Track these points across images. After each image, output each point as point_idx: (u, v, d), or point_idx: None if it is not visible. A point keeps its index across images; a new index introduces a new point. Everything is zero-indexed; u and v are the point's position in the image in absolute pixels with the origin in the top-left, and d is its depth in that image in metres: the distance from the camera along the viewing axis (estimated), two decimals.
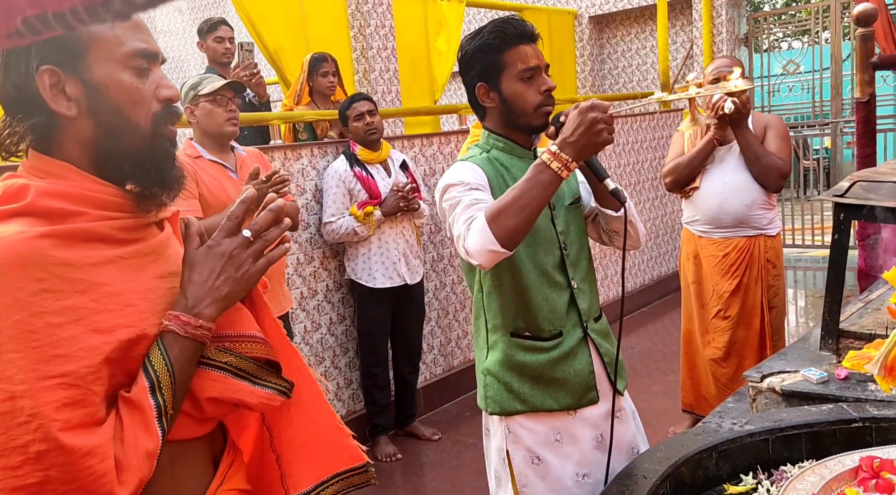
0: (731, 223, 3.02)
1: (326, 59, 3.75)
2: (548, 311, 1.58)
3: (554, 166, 1.37)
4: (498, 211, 1.39)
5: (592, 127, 1.35)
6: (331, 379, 3.49)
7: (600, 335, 1.67)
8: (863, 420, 1.61)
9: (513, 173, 1.59)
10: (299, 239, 3.37)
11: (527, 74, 1.53)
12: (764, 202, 3.00)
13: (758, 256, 3.01)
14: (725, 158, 3.02)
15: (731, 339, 3.04)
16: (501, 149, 1.61)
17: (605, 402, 1.65)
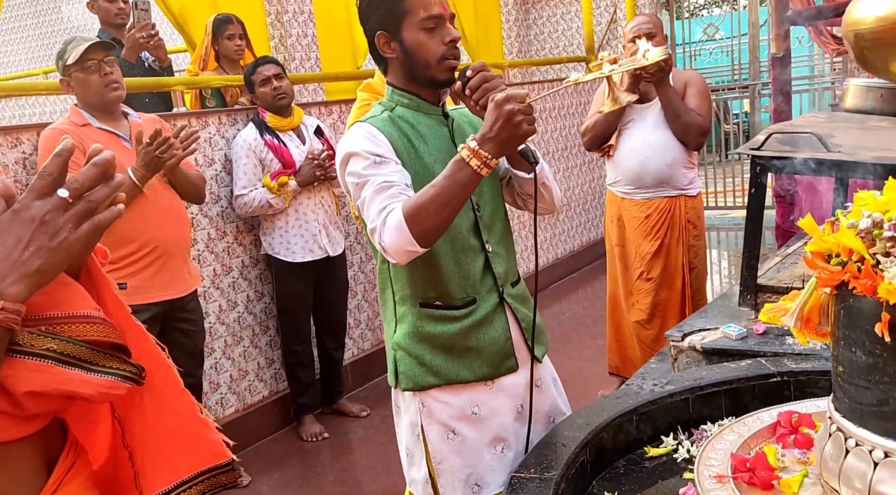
0: (653, 183, 3.00)
1: (231, 21, 3.52)
2: (460, 278, 1.50)
3: (473, 164, 1.31)
4: (416, 209, 1.33)
5: (511, 120, 1.29)
6: (251, 359, 3.33)
7: (518, 300, 1.59)
8: (781, 374, 1.59)
9: (419, 131, 1.50)
10: (210, 213, 3.18)
11: (429, 23, 1.43)
12: (685, 161, 2.99)
13: (679, 217, 3.01)
14: (646, 116, 2.99)
15: (654, 301, 3.04)
16: (406, 105, 1.52)
17: (525, 370, 1.58)
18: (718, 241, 6.61)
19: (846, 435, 1.04)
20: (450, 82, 1.49)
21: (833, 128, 2.09)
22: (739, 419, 1.37)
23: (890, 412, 0.98)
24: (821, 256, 1.07)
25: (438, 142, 1.51)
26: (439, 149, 1.50)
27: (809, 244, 1.09)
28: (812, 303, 1.13)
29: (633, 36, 2.92)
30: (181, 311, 2.72)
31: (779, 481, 1.15)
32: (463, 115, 1.60)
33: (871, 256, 0.98)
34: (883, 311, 0.96)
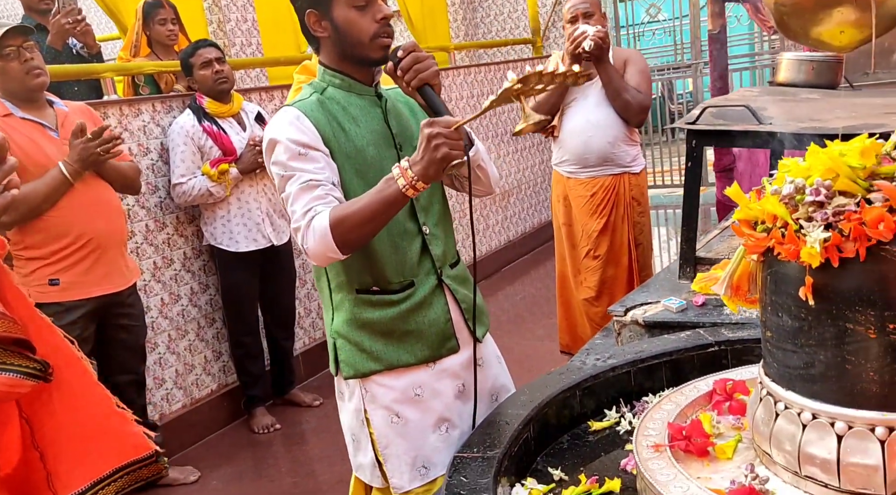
0: (597, 161, 3.02)
1: (163, 5, 3.40)
2: (397, 262, 1.48)
3: (400, 183, 1.32)
4: (342, 219, 1.33)
5: (430, 143, 1.30)
6: (197, 353, 3.25)
7: (457, 281, 1.58)
8: (718, 343, 1.61)
9: (351, 113, 1.47)
10: (147, 204, 3.07)
11: (360, 1, 1.41)
12: (626, 138, 3.01)
13: (623, 195, 3.04)
14: (588, 94, 3.00)
15: (602, 278, 3.07)
16: (338, 86, 1.49)
17: (467, 350, 1.57)
18: (666, 219, 6.73)
19: (776, 399, 1.06)
20: (383, 61, 1.46)
21: (766, 102, 2.13)
22: (677, 389, 1.39)
23: (816, 374, 1.00)
24: (747, 224, 1.08)
25: (371, 124, 1.48)
26: (372, 131, 1.47)
27: (736, 212, 1.10)
28: (741, 271, 1.14)
29: (570, 16, 2.93)
30: (120, 306, 2.63)
31: (714, 447, 1.16)
32: (398, 95, 1.57)
33: (794, 221, 0.99)
34: (806, 275, 0.97)
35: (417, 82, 1.40)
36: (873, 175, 0.97)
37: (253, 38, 5.26)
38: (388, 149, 1.49)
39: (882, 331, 0.93)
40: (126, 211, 2.92)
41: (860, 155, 0.97)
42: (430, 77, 1.40)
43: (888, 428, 0.94)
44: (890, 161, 0.98)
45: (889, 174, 0.96)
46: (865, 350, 0.94)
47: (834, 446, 0.97)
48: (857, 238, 0.93)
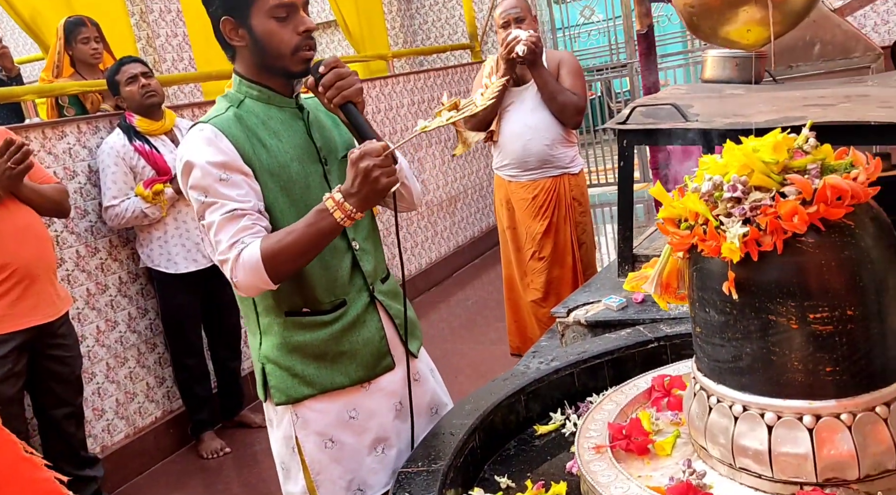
0: (536, 164, 3.05)
1: (84, 23, 3.29)
2: (327, 281, 1.43)
3: (337, 216, 1.29)
4: (274, 253, 1.30)
5: (368, 177, 1.27)
6: (138, 380, 3.15)
7: (389, 296, 1.54)
8: (657, 340, 1.64)
9: (272, 127, 1.41)
10: (77, 229, 2.96)
11: (280, 12, 1.35)
12: (564, 140, 3.05)
13: (564, 195, 3.07)
14: (525, 98, 3.03)
15: (548, 279, 3.10)
16: (257, 98, 1.42)
17: (402, 367, 1.54)
18: (612, 216, 6.85)
19: (708, 393, 1.07)
20: (303, 74, 1.41)
21: (692, 99, 2.18)
22: (618, 387, 1.40)
23: (744, 367, 1.02)
24: (671, 222, 1.10)
25: (294, 138, 1.43)
26: (295, 146, 1.42)
27: (661, 210, 1.11)
28: (670, 269, 1.16)
29: (502, 21, 2.95)
30: (52, 337, 2.53)
31: (653, 444, 1.17)
32: (318, 105, 1.53)
33: (715, 218, 1.01)
34: (728, 270, 0.99)
35: (340, 100, 1.36)
36: (786, 169, 0.99)
37: (185, 54, 5.15)
38: (313, 164, 1.43)
39: (803, 322, 0.95)
40: (54, 237, 2.82)
41: (773, 150, 0.99)
42: (352, 94, 1.37)
43: (815, 416, 0.96)
44: (802, 154, 1.01)
45: (801, 167, 0.99)
46: (789, 340, 0.97)
47: (765, 437, 0.99)
48: (773, 231, 0.95)
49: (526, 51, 2.77)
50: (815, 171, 0.98)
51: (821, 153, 1.00)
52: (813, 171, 0.98)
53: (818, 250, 0.94)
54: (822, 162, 0.99)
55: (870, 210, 0.98)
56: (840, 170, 0.98)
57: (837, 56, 3.36)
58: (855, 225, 0.95)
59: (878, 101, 1.84)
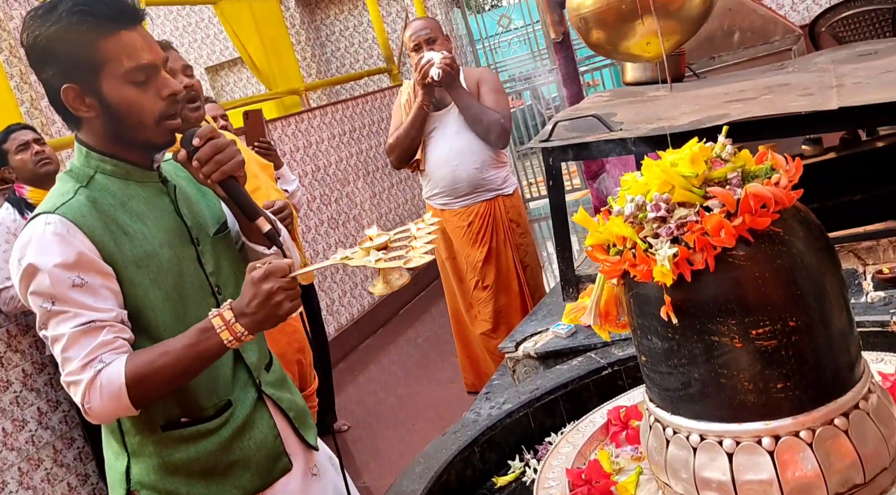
0: (467, 189, 3.05)
1: None
2: (208, 381, 1.31)
3: (224, 337, 1.20)
4: (142, 376, 1.18)
5: (269, 299, 1.19)
6: (57, 481, 2.98)
7: (276, 386, 1.45)
8: (611, 365, 1.63)
9: (133, 208, 1.28)
10: None
11: (139, 75, 1.23)
12: (494, 161, 3.06)
13: (501, 218, 3.08)
14: (447, 122, 3.04)
15: (496, 308, 3.09)
16: (111, 173, 1.28)
17: (299, 462, 1.45)
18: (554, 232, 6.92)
19: (663, 425, 1.06)
20: (169, 145, 1.31)
21: (615, 106, 2.22)
22: (574, 425, 1.39)
23: (695, 393, 1.01)
24: (600, 248, 1.09)
25: (161, 219, 1.31)
26: (164, 229, 1.31)
27: (587, 237, 1.11)
28: (606, 297, 1.15)
29: (413, 44, 2.96)
30: None
31: (616, 486, 1.15)
32: (178, 170, 1.41)
33: (643, 240, 1.01)
34: (664, 294, 0.99)
35: (219, 176, 1.28)
36: (707, 181, 1.00)
37: None
38: (185, 247, 1.33)
39: (747, 339, 0.95)
40: None
41: (691, 162, 1.00)
42: (233, 169, 1.29)
43: (774, 437, 0.96)
44: (720, 163, 1.02)
45: (721, 178, 0.99)
46: (735, 360, 0.96)
47: (726, 466, 0.98)
48: (702, 249, 0.95)
49: (441, 73, 2.78)
50: (735, 180, 0.98)
51: (740, 160, 1.02)
52: (734, 181, 0.99)
53: (750, 263, 0.95)
54: (743, 169, 1.00)
55: (797, 214, 0.99)
56: (761, 175, 0.99)
57: (758, 42, 3.49)
58: (784, 231, 0.96)
59: (799, 89, 1.90)
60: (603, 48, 1.44)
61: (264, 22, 6.71)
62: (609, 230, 1.05)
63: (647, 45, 1.29)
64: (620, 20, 1.29)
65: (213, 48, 7.98)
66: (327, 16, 7.65)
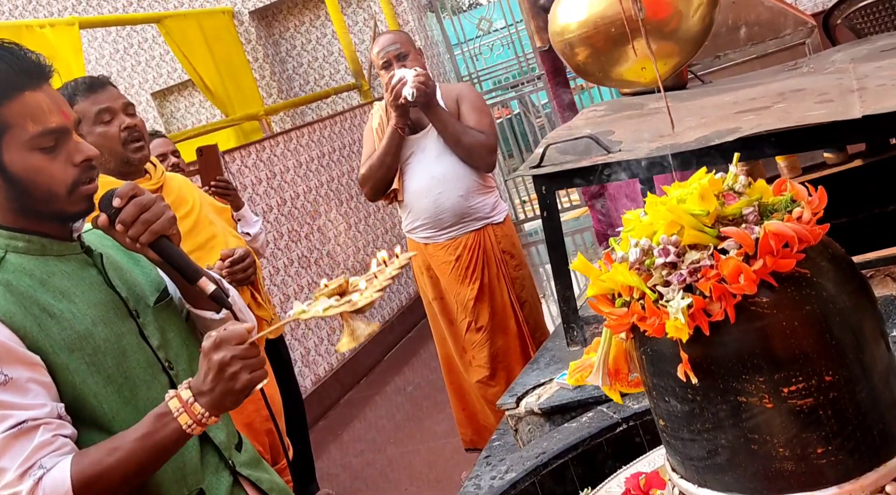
0: (453, 220, 3.04)
1: None
2: (174, 471, 1.29)
3: (183, 421, 1.17)
4: (92, 478, 1.14)
5: (222, 372, 1.17)
6: None
7: (252, 466, 1.43)
8: (626, 420, 1.61)
9: (55, 286, 1.25)
10: None
11: (47, 141, 1.22)
12: (480, 186, 3.06)
13: (492, 250, 3.07)
14: (425, 146, 3.03)
15: (492, 352, 3.07)
16: (24, 250, 1.26)
17: None
18: None
19: None
20: (87, 212, 1.30)
21: (612, 122, 2.22)
22: None
23: (723, 462, 0.98)
24: (604, 299, 1.07)
25: (90, 294, 1.29)
26: (95, 305, 1.28)
27: (589, 287, 1.09)
28: (615, 353, 1.14)
29: (382, 62, 2.96)
30: None
31: None
32: (103, 238, 1.39)
33: (652, 290, 0.99)
34: (680, 351, 0.97)
35: (149, 237, 1.27)
36: (720, 219, 0.99)
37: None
38: (124, 322, 1.31)
39: (778, 398, 0.93)
40: None
41: (700, 198, 0.98)
42: (164, 228, 1.28)
43: None
44: (734, 197, 1.00)
45: (736, 215, 0.98)
46: (767, 423, 0.94)
47: None
48: (720, 297, 0.94)
49: (415, 93, 2.78)
50: (752, 217, 0.97)
51: (755, 192, 1.01)
52: (751, 217, 0.97)
53: (775, 311, 0.93)
54: (759, 203, 0.99)
55: (825, 250, 0.98)
56: (780, 209, 0.98)
57: (767, 37, 3.51)
58: (811, 273, 0.94)
59: (816, 95, 1.90)
60: (593, 75, 1.44)
61: (216, 39, 6.76)
62: (613, 279, 1.03)
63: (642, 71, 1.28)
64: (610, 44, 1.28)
65: (160, 71, 7.99)
66: (286, 28, 7.68)
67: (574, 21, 1.36)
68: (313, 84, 7.75)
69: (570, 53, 1.42)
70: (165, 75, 7.99)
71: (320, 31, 7.60)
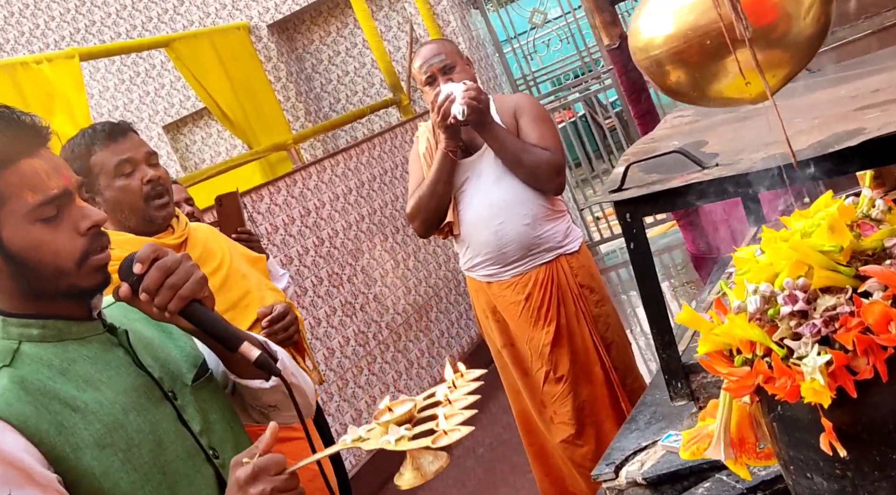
0: (519, 253, 3.02)
1: None
2: None
3: None
4: None
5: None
6: None
7: None
8: (752, 490, 1.56)
9: (77, 374, 1.27)
10: None
11: (48, 211, 1.25)
12: (548, 212, 3.04)
13: (567, 285, 3.04)
14: (481, 170, 3.03)
15: (577, 405, 3.03)
16: (39, 338, 1.28)
17: None
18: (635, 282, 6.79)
19: None
20: (103, 284, 1.31)
21: (704, 129, 2.18)
22: None
23: None
24: (720, 356, 1.04)
25: (118, 379, 1.31)
26: (124, 390, 1.30)
27: (700, 343, 1.06)
28: (738, 418, 1.10)
29: (426, 77, 2.98)
30: None
31: None
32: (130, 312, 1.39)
33: (779, 345, 0.96)
34: (822, 418, 0.93)
35: (178, 303, 1.28)
36: (857, 255, 0.95)
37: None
38: (159, 407, 1.33)
39: None
40: None
41: (831, 232, 0.95)
42: (194, 291, 1.29)
43: None
44: (870, 227, 0.97)
45: (875, 249, 0.95)
46: None
47: None
48: (866, 350, 0.90)
49: (466, 110, 2.78)
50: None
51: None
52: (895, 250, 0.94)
53: None
54: None
55: None
56: None
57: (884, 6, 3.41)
58: None
59: None
60: (687, 95, 1.41)
61: (231, 59, 6.91)
62: (730, 333, 1.00)
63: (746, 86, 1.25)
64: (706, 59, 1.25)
65: (171, 101, 8.20)
66: (310, 41, 7.82)
67: (660, 35, 1.34)
68: (345, 102, 7.86)
69: (657, 72, 1.40)
70: (178, 105, 8.19)
71: (349, 41, 7.71)
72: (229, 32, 7.18)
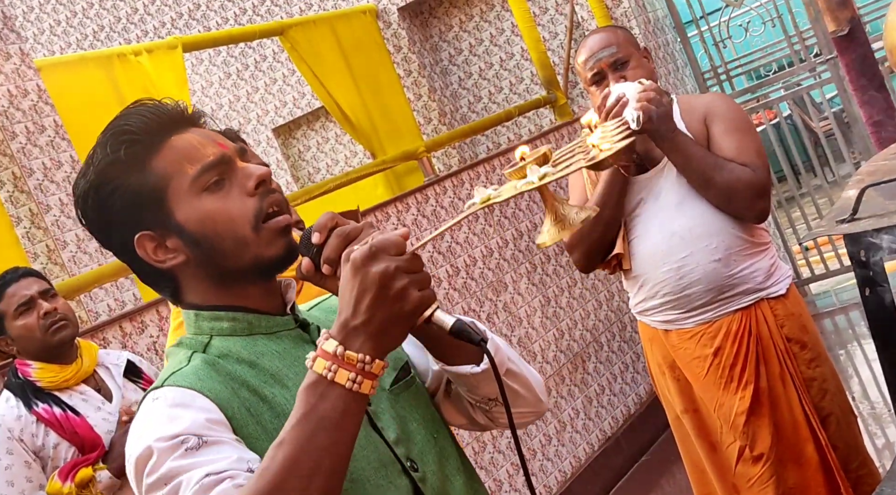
0: (707, 296, 2.97)
1: None
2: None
3: (341, 379, 1.27)
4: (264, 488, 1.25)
5: (387, 289, 1.26)
6: None
7: None
8: None
9: (266, 369, 1.46)
10: None
11: (210, 177, 1.45)
12: (746, 244, 2.98)
13: (770, 338, 2.97)
14: (659, 190, 3.01)
15: (783, 492, 2.92)
16: (230, 331, 1.48)
17: None
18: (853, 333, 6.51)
19: None
20: (290, 257, 1.47)
21: None
22: None
23: None
24: None
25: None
26: None
27: None
28: None
29: (592, 74, 2.98)
30: None
31: None
32: (332, 309, 1.57)
33: None
34: None
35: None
36: None
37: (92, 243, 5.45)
38: None
39: None
40: None
41: None
42: None
43: None
44: None
45: None
46: None
47: None
48: None
49: (641, 117, 2.75)
50: None
51: None
52: None
53: None
54: None
55: None
56: None
57: None
58: None
59: None
60: None
61: (355, 49, 7.07)
62: None
63: None
64: None
65: (283, 98, 8.46)
66: (448, 27, 7.93)
67: None
68: (487, 101, 7.91)
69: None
70: (290, 104, 8.46)
71: (495, 27, 7.78)
72: (353, 17, 7.36)
